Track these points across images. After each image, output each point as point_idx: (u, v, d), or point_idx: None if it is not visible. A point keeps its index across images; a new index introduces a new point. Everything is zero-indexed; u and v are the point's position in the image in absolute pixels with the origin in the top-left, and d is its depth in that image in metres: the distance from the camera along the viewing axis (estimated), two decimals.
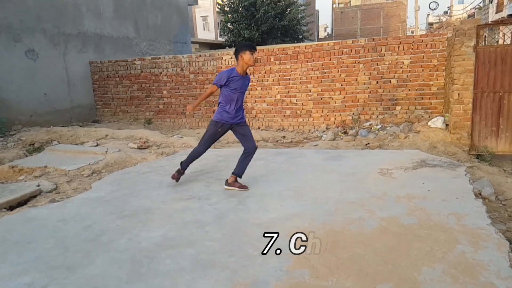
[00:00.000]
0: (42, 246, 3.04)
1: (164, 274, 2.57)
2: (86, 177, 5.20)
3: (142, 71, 9.82)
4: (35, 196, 4.49)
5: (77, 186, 4.77)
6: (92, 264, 2.73)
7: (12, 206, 4.22)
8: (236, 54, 4.01)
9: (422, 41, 7.25)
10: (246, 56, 3.94)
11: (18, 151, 6.80)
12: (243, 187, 4.23)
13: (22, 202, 4.33)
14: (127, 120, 10.24)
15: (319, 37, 44.52)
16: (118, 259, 2.79)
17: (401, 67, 7.41)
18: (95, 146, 6.87)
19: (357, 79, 7.76)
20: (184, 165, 4.45)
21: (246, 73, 4.12)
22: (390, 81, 7.54)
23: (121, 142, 7.08)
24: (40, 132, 7.86)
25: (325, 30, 54.98)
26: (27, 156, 6.68)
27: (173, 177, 4.50)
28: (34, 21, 9.10)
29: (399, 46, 7.38)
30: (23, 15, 8.82)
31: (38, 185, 4.73)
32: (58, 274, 2.61)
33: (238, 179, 4.29)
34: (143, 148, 6.75)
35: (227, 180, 4.31)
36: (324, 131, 7.83)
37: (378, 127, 7.33)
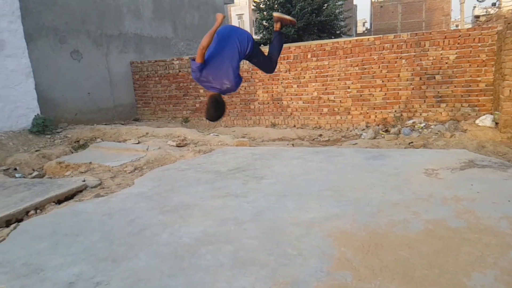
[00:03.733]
0: (89, 239, 3.16)
1: (204, 269, 2.60)
2: (129, 173, 5.37)
3: (180, 71, 10.01)
4: (81, 191, 4.68)
5: (120, 182, 4.93)
6: (136, 257, 2.81)
7: (60, 200, 4.43)
8: None
9: (469, 35, 6.89)
10: None
11: (65, 148, 7.14)
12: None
13: (69, 197, 4.54)
14: (166, 119, 10.49)
15: (357, 32, 43.48)
16: (161, 253, 2.85)
17: (446, 63, 7.09)
18: (137, 143, 7.08)
19: (399, 75, 7.50)
20: None
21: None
22: (435, 77, 7.23)
23: (161, 140, 7.25)
24: (85, 130, 8.20)
25: (364, 25, 53.58)
26: (72, 152, 7.00)
27: None
28: (79, 23, 9.50)
29: (444, 41, 7.05)
30: (68, 17, 9.22)
31: (84, 181, 4.94)
32: (105, 266, 2.71)
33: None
34: (181, 146, 6.87)
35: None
36: (363, 129, 7.63)
37: (422, 125, 7.05)
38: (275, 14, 3.79)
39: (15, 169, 6.19)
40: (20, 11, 7.57)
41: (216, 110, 3.29)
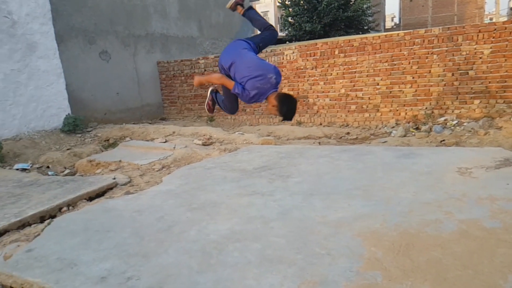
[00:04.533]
0: (119, 235, 3.23)
1: (232, 266, 2.60)
2: (157, 171, 5.46)
3: (205, 70, 10.10)
4: (111, 188, 4.80)
5: (149, 180, 5.02)
6: (166, 253, 2.85)
7: (91, 197, 4.55)
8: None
9: (506, 29, 6.61)
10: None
11: (95, 147, 7.35)
12: None
13: (100, 194, 4.66)
14: (191, 118, 10.62)
15: (386, 27, 42.50)
16: (189, 249, 2.88)
17: (480, 58, 6.82)
18: (164, 142, 7.19)
19: (430, 71, 7.28)
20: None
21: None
22: (468, 73, 6.97)
23: (187, 139, 7.34)
24: (114, 129, 8.41)
25: (392, 20, 52.28)
26: (103, 151, 7.20)
27: None
28: (107, 24, 9.74)
29: (478, 35, 6.79)
30: (97, 18, 9.47)
31: (114, 178, 5.06)
32: (135, 261, 2.76)
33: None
34: (207, 145, 6.94)
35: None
36: (393, 127, 7.46)
37: (454, 122, 6.83)
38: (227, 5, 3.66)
39: (48, 167, 6.43)
40: (51, 13, 7.84)
41: (291, 104, 3.28)
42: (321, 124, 8.57)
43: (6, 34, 7.06)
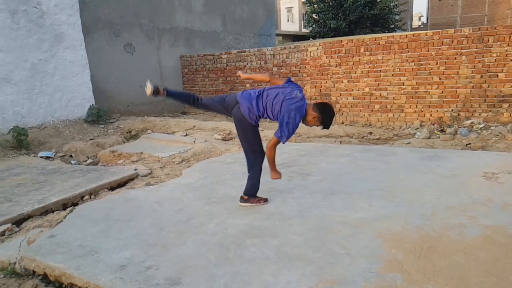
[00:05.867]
0: (140, 225, 3.28)
1: (250, 261, 2.60)
2: (177, 164, 5.52)
3: (227, 65, 10.11)
4: (132, 179, 4.88)
5: (169, 172, 5.08)
6: (184, 244, 2.88)
7: (112, 187, 4.65)
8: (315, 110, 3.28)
9: None
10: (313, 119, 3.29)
11: (117, 138, 7.48)
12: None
13: (121, 184, 4.75)
14: (212, 113, 10.64)
15: (413, 26, 41.59)
16: (207, 242, 2.90)
17: (511, 60, 6.58)
18: (184, 136, 7.26)
19: (458, 72, 7.07)
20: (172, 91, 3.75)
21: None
22: (497, 75, 6.74)
23: (207, 133, 7.38)
24: (136, 121, 8.53)
25: (419, 19, 51.00)
26: (125, 142, 7.32)
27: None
28: (132, 17, 9.83)
29: (510, 36, 6.54)
30: (123, 11, 9.57)
31: (135, 169, 5.14)
32: (154, 251, 2.80)
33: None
34: (227, 140, 6.95)
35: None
36: (417, 128, 7.28)
37: (481, 126, 6.61)
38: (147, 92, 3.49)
39: (71, 156, 6.58)
40: (78, 5, 7.98)
41: (329, 112, 3.25)
42: (343, 123, 8.45)
43: (34, 24, 7.24)
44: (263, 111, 3.32)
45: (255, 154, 3.47)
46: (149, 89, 3.43)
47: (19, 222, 3.66)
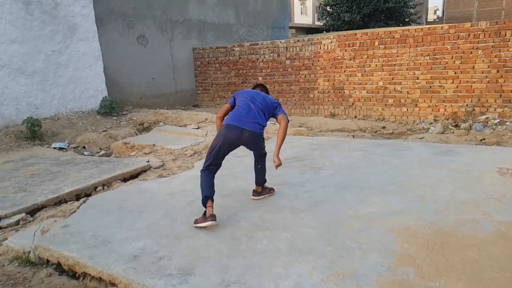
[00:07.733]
0: (153, 216, 3.31)
1: (261, 253, 2.62)
2: (189, 156, 5.54)
3: (240, 58, 10.08)
4: (145, 171, 4.92)
5: (181, 164, 5.11)
6: (196, 236, 2.90)
7: (125, 178, 4.69)
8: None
9: None
10: None
11: (130, 130, 7.53)
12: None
13: (134, 175, 4.79)
14: (223, 106, 10.65)
15: (428, 20, 40.85)
16: (220, 234, 2.92)
17: None
18: (196, 128, 7.28)
19: (473, 66, 6.94)
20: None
21: None
22: None
23: None
24: (149, 113, 8.58)
25: (435, 13, 50.04)
26: (137, 134, 7.37)
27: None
28: (146, 9, 9.81)
29: None
30: (136, 3, 9.56)
31: (148, 161, 5.18)
32: (167, 242, 2.83)
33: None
34: None
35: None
36: (431, 123, 7.19)
37: (496, 121, 6.50)
38: None
39: (84, 147, 6.65)
40: None
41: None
42: (355, 117, 8.38)
43: (48, 16, 7.29)
44: (263, 116, 3.48)
45: (263, 153, 3.68)
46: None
47: (33, 212, 3.73)
